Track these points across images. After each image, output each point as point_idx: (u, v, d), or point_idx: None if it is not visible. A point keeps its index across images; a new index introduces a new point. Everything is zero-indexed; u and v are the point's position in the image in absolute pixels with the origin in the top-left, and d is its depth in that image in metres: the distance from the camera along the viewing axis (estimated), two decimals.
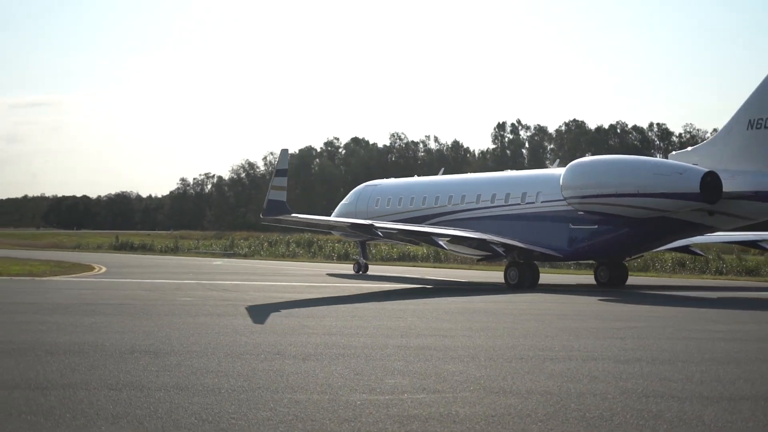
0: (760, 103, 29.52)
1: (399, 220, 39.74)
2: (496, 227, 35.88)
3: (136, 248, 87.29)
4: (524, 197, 35.92)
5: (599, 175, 31.84)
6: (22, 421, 9.28)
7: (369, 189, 45.11)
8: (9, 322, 18.83)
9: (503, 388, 11.39)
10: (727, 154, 30.34)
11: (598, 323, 20.10)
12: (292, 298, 26.84)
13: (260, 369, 12.68)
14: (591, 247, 34.21)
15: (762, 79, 29.74)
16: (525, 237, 34.84)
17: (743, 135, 29.88)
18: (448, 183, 42.66)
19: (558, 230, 34.36)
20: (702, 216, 30.97)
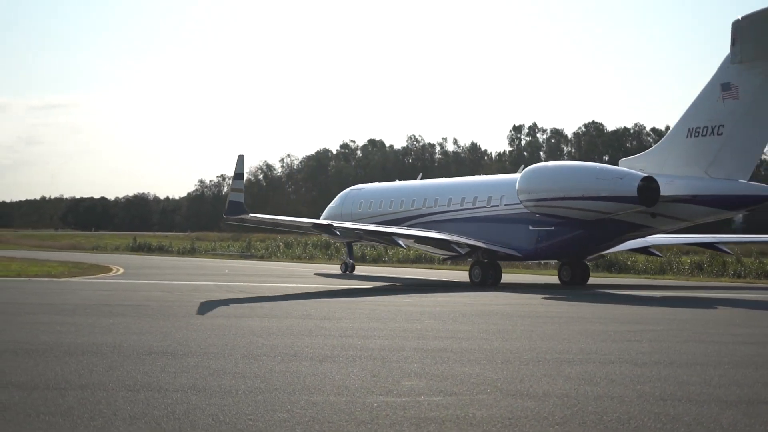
0: (698, 113, 31.79)
1: (380, 222, 42.69)
2: (463, 228, 38.58)
3: (154, 250, 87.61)
4: (489, 200, 38.55)
5: (549, 180, 34.29)
6: (40, 422, 9.33)
7: (354, 193, 48.25)
8: (28, 322, 18.92)
9: (520, 391, 11.36)
10: (669, 161, 32.64)
11: (616, 326, 20.02)
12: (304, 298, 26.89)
13: (277, 370, 12.69)
14: (549, 248, 36.48)
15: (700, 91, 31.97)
16: (488, 238, 37.35)
17: (683, 143, 32.23)
18: (424, 187, 45.33)
19: (519, 231, 36.69)
20: (645, 218, 33.07)
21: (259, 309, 23.04)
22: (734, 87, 30.44)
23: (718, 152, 31.07)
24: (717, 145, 31.09)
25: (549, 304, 26.77)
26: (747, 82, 30.14)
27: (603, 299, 29.18)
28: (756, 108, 30.27)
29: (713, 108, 31.15)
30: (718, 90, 31.04)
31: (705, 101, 31.63)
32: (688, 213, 32.33)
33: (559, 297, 29.64)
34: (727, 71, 30.75)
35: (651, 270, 50.34)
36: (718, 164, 31.12)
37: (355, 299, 27.29)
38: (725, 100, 30.70)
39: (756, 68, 29.80)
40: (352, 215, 45.59)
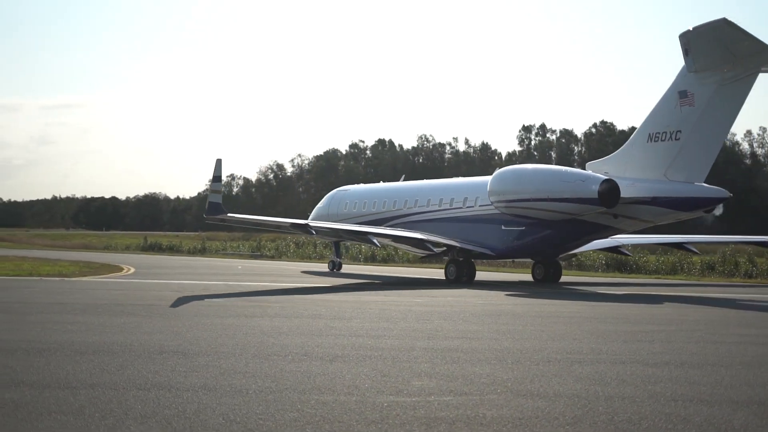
0: (657, 119, 33.57)
1: (364, 221, 45.01)
2: (440, 228, 40.65)
3: (164, 249, 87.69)
4: (465, 202, 40.49)
5: (518, 182, 36.31)
6: (52, 420, 9.36)
7: (340, 194, 50.50)
8: (39, 322, 18.97)
9: (530, 391, 11.35)
10: (631, 164, 34.47)
11: (627, 326, 19.98)
12: (316, 298, 26.91)
13: (287, 370, 12.70)
14: (520, 247, 38.41)
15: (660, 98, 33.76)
16: (463, 237, 39.35)
17: (644, 147, 34.06)
18: (405, 189, 47.38)
19: (492, 231, 38.54)
20: (608, 219, 35.00)
21: (269, 309, 23.05)
22: (690, 95, 32.23)
23: (676, 156, 32.78)
24: (675, 149, 32.77)
25: (559, 304, 26.75)
26: (702, 90, 31.80)
27: (611, 299, 29.14)
28: (710, 114, 31.85)
29: (671, 114, 32.86)
30: (676, 97, 32.78)
31: (664, 108, 33.37)
32: (648, 214, 34.10)
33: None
34: (684, 80, 32.40)
35: (662, 270, 50.37)
36: (676, 168, 32.79)
37: (365, 299, 27.29)
38: (682, 107, 32.47)
39: (709, 77, 31.40)
40: (338, 215, 47.63)
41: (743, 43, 30.05)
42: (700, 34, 30.64)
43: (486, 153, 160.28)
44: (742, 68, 30.92)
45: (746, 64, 30.83)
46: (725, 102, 31.69)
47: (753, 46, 30.02)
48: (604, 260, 52.77)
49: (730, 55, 30.67)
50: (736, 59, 30.70)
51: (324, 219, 47.65)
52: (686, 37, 31.01)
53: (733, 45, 30.29)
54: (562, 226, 35.98)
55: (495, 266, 52.62)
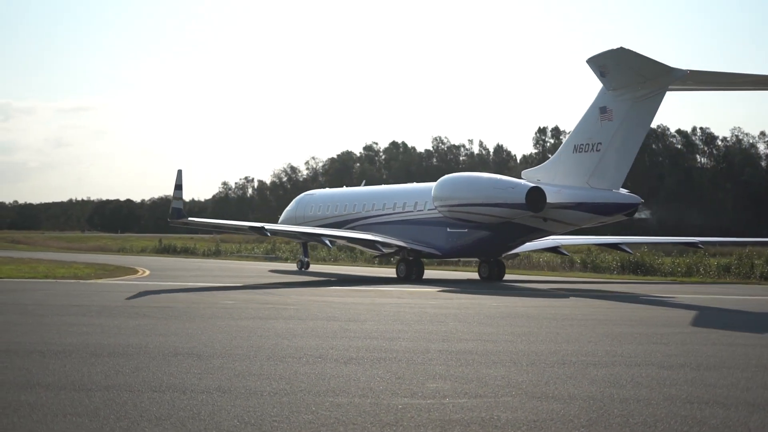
0: (582, 132, 36.80)
1: (327, 224, 48.72)
2: (393, 230, 44.01)
3: (179, 251, 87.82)
4: (415, 206, 43.83)
5: (457, 189, 40.01)
6: (67, 422, 9.39)
7: (307, 197, 54.77)
8: (55, 324, 19.04)
9: (545, 393, 11.33)
10: (559, 173, 37.82)
11: (642, 329, 19.92)
12: (330, 300, 26.92)
13: (302, 372, 12.72)
14: (463, 247, 41.92)
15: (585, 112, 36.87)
16: (413, 238, 42.71)
17: (570, 157, 37.32)
18: (365, 193, 50.91)
19: (438, 233, 41.96)
20: (539, 222, 38.27)
21: (284, 311, 23.09)
22: (609, 110, 35.57)
23: (597, 165, 36.01)
24: (596, 159, 36.02)
25: (574, 306, 26.67)
26: (619, 107, 35.10)
27: (626, 302, 29.06)
28: (626, 128, 35.10)
29: (593, 128, 36.13)
30: (597, 112, 36.08)
31: (587, 122, 36.68)
32: (573, 218, 37.45)
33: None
34: (604, 97, 35.75)
35: (678, 272, 50.29)
36: (598, 176, 36.05)
37: (380, 301, 27.29)
38: (602, 121, 35.80)
39: (625, 95, 34.74)
40: (304, 218, 51.70)
41: (649, 65, 33.25)
42: (612, 58, 33.80)
43: (501, 155, 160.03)
44: (651, 87, 34.08)
45: (654, 84, 33.95)
46: (639, 116, 34.99)
47: (657, 69, 33.23)
48: (618, 263, 52.97)
49: (640, 77, 33.96)
50: (646, 80, 33.92)
51: (292, 221, 52.23)
52: (594, 62, 34.46)
53: (641, 68, 33.61)
54: (498, 228, 39.38)
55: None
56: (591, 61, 34.49)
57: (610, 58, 33.80)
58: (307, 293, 30.61)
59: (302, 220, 51.65)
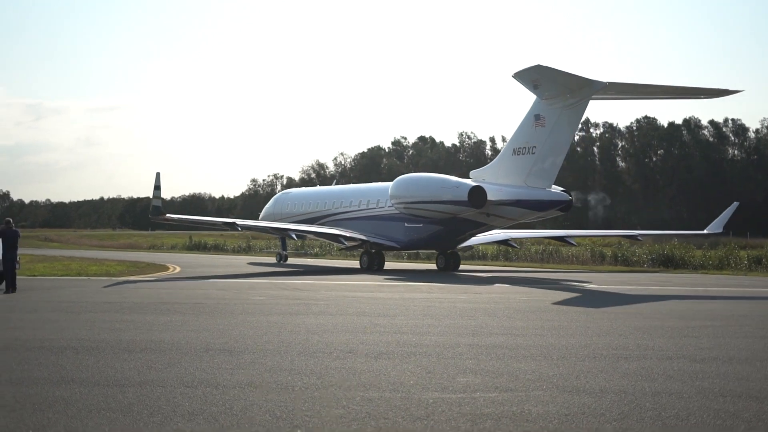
0: (519, 136, 41.14)
1: (301, 220, 52.87)
2: (358, 225, 48.44)
3: (210, 248, 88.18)
4: (378, 203, 48.23)
5: (410, 188, 44.28)
6: (101, 417, 9.48)
7: (284, 196, 59.84)
8: (88, 320, 19.20)
9: (576, 387, 11.30)
10: (500, 173, 42.14)
11: (674, 322, 19.81)
12: (360, 295, 26.96)
13: (333, 367, 12.76)
14: (419, 240, 46.36)
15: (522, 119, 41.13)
16: (374, 232, 47.08)
17: (510, 159, 41.74)
18: (334, 192, 55.69)
19: (397, 228, 46.39)
20: (483, 217, 42.57)
21: (314, 306, 23.15)
22: (542, 117, 39.82)
23: (532, 167, 40.29)
24: (531, 161, 40.31)
25: (602, 299, 26.54)
26: (550, 114, 39.41)
27: (655, 296, 28.89)
28: (556, 134, 39.43)
29: (529, 133, 40.46)
30: (533, 119, 40.28)
31: (524, 127, 40.97)
32: (513, 214, 41.74)
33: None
34: (538, 105, 39.94)
35: (709, 265, 50.09)
36: (533, 176, 40.34)
37: (409, 296, 27.30)
38: (537, 127, 40.04)
39: (555, 104, 39.01)
40: (281, 214, 56.07)
41: (571, 79, 37.63)
42: (535, 73, 38.02)
43: None
44: (576, 97, 38.49)
45: (578, 94, 38.38)
46: (567, 123, 39.36)
47: (579, 81, 37.71)
48: (649, 256, 52.91)
49: (566, 88, 38.22)
50: (571, 91, 38.28)
51: (270, 218, 56.79)
52: (520, 77, 38.78)
53: (565, 81, 37.90)
54: (448, 222, 43.63)
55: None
56: (517, 75, 38.73)
57: (535, 73, 38.03)
58: (336, 288, 30.66)
59: (279, 216, 56.08)
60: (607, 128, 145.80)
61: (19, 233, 29.51)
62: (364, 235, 46.87)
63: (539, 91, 39.22)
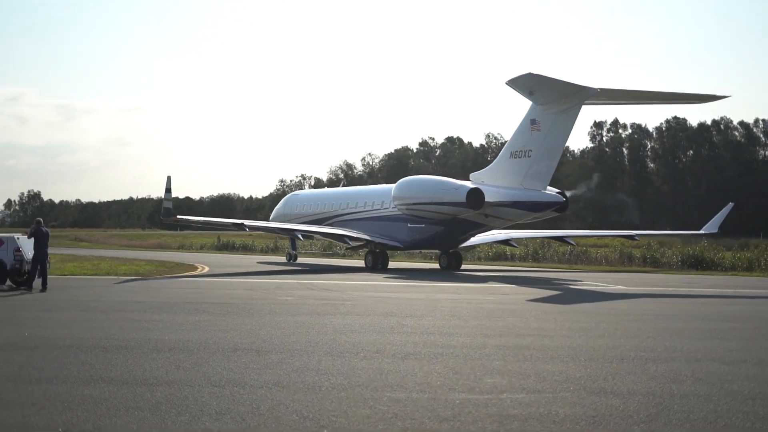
0: (516, 140, 42.73)
1: (310, 221, 54.52)
2: (364, 225, 49.91)
3: (238, 248, 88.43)
4: (383, 204, 49.63)
5: (412, 190, 45.89)
6: (130, 416, 9.55)
7: (293, 197, 61.91)
8: (117, 320, 19.34)
9: (604, 389, 11.27)
10: (498, 175, 43.67)
11: (702, 324, 19.70)
12: (387, 296, 26.97)
13: (360, 367, 12.78)
14: (421, 240, 47.83)
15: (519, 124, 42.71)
16: (378, 232, 48.57)
17: (508, 162, 43.31)
18: (342, 193, 58.12)
19: (400, 228, 47.79)
20: (482, 218, 43.95)
21: (342, 306, 23.19)
22: (538, 122, 41.38)
23: (528, 169, 41.78)
24: (528, 164, 41.79)
25: (632, 302, 26.44)
26: (545, 119, 40.98)
27: (685, 297, 28.72)
28: (551, 137, 40.98)
29: (526, 137, 42.01)
30: (529, 124, 41.84)
31: (521, 131, 42.55)
32: (510, 215, 43.19)
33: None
34: (534, 110, 41.54)
35: (739, 267, 49.85)
36: (529, 178, 41.83)
37: (437, 296, 27.30)
38: (533, 131, 41.56)
39: (550, 109, 40.62)
40: (291, 215, 57.77)
41: (564, 85, 39.25)
42: (537, 80, 39.39)
43: None
44: (570, 103, 40.08)
45: (572, 100, 39.94)
46: (561, 127, 40.84)
47: (571, 88, 39.37)
48: (679, 257, 52.69)
49: (559, 94, 39.87)
50: (565, 97, 39.88)
51: (280, 218, 58.39)
52: (513, 84, 40.21)
53: (558, 87, 39.50)
54: (449, 223, 45.12)
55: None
56: (511, 83, 40.19)
57: (529, 80, 39.53)
58: (363, 289, 30.69)
59: (289, 217, 57.70)
60: (636, 129, 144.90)
61: (49, 233, 29.76)
62: (368, 236, 48.40)
63: (534, 97, 41.00)
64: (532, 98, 41.20)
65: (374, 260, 47.96)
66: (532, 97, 41.14)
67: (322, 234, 52.71)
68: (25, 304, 23.62)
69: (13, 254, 29.12)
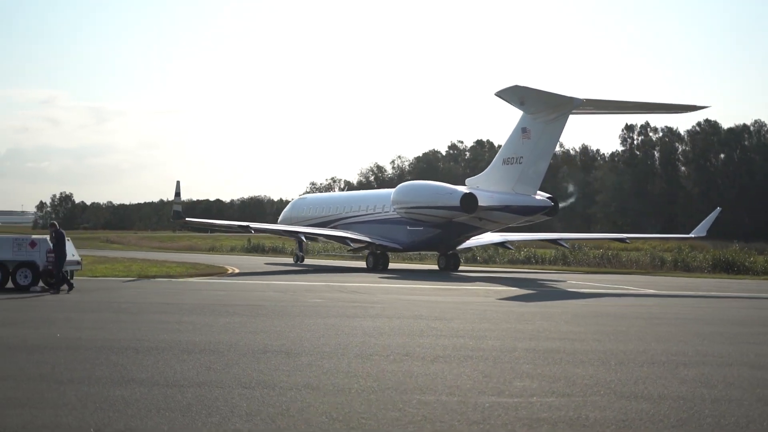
0: (509, 148, 45.53)
1: (316, 224, 56.72)
2: (365, 228, 52.10)
3: (268, 251, 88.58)
4: (384, 208, 51.68)
5: (410, 194, 48.49)
6: (161, 417, 9.62)
7: (300, 201, 64.17)
8: (148, 321, 19.48)
9: (634, 393, 11.22)
10: (492, 181, 46.16)
11: (734, 328, 19.55)
12: (417, 299, 26.96)
13: (389, 370, 12.80)
14: (420, 242, 50.12)
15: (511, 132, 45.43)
16: (379, 235, 50.75)
17: (501, 168, 45.87)
18: (346, 197, 64.04)
19: (399, 230, 50.03)
20: (476, 221, 46.33)
21: (371, 309, 23.21)
22: (528, 130, 43.84)
23: (519, 175, 44.25)
24: (519, 170, 44.30)
25: (663, 305, 26.27)
26: (535, 127, 43.44)
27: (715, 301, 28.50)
28: (540, 145, 43.51)
29: (517, 144, 44.60)
30: (520, 132, 44.38)
31: (513, 139, 45.20)
32: (503, 218, 45.89)
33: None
34: (525, 119, 44.05)
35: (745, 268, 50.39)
36: (521, 184, 44.28)
37: (467, 299, 27.26)
38: (523, 139, 44.09)
39: (540, 118, 43.11)
40: (298, 218, 59.81)
41: (551, 96, 41.86)
42: (519, 91, 42.04)
43: (586, 155, 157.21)
44: (558, 112, 42.56)
45: (559, 110, 42.43)
46: (550, 135, 43.49)
47: (558, 98, 41.92)
48: (710, 262, 52.42)
49: (546, 105, 42.36)
50: (553, 107, 42.38)
51: (287, 221, 60.73)
52: (502, 95, 42.68)
53: (546, 98, 42.04)
54: (445, 226, 47.38)
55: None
56: (500, 94, 42.56)
57: (519, 91, 42.01)
58: (392, 291, 30.71)
59: (296, 220, 59.95)
60: (667, 132, 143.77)
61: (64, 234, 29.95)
62: (369, 238, 50.56)
63: (525, 107, 43.47)
64: (523, 108, 43.72)
65: (375, 261, 49.96)
66: (522, 108, 43.67)
67: (324, 236, 55.13)
68: (56, 306, 23.82)
69: (46, 256, 29.39)
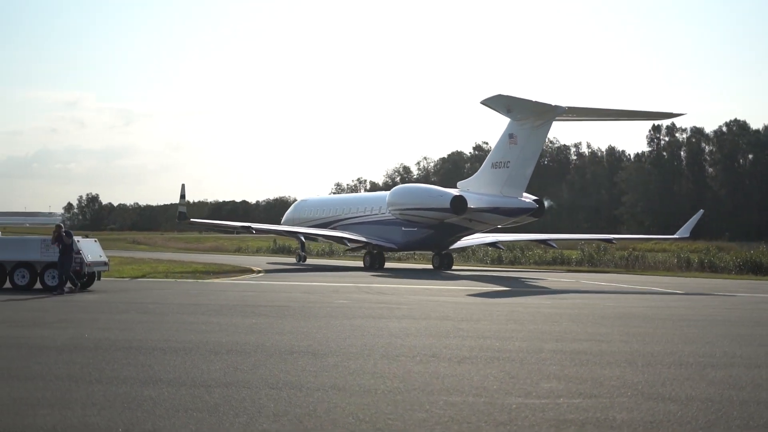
0: (497, 152, 48.72)
1: (316, 225, 59.46)
2: (363, 229, 54.70)
3: (294, 252, 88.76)
4: (380, 209, 54.30)
5: (404, 196, 51.64)
6: (188, 417, 9.67)
7: (302, 203, 66.72)
8: (175, 322, 19.58)
9: (662, 394, 11.16)
10: (481, 184, 49.12)
11: (762, 330, 19.41)
12: (443, 300, 26.94)
13: (415, 371, 12.80)
14: (414, 242, 53.01)
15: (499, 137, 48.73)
16: (375, 235, 53.50)
17: (490, 172, 48.98)
18: (345, 199, 67.98)
19: (395, 231, 52.71)
20: (467, 222, 49.33)
21: (397, 310, 23.22)
22: (515, 136, 46.97)
23: (507, 179, 47.27)
24: (506, 174, 47.37)
25: (690, 306, 26.12)
26: (521, 133, 46.51)
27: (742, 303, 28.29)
28: (526, 150, 46.58)
29: (505, 149, 47.79)
30: (507, 137, 47.51)
31: (501, 144, 48.45)
32: (492, 219, 49.05)
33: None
34: (512, 125, 47.12)
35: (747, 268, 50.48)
36: (508, 186, 47.35)
37: (492, 300, 27.22)
38: (510, 144, 47.19)
39: (526, 124, 46.23)
40: (300, 219, 62.38)
41: (535, 104, 44.76)
42: (510, 99, 45.14)
43: (613, 156, 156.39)
44: (543, 119, 45.77)
45: (544, 117, 45.58)
46: (535, 141, 46.68)
47: (543, 106, 44.87)
48: (739, 261, 52.08)
49: (532, 111, 45.47)
50: (538, 114, 45.47)
51: (290, 222, 63.45)
52: (488, 103, 45.63)
53: (531, 105, 44.94)
54: (437, 227, 50.33)
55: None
56: (486, 102, 45.35)
57: (504, 100, 45.14)
58: (419, 292, 30.71)
59: (298, 221, 62.49)
60: (694, 133, 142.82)
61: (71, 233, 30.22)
62: (366, 238, 53.28)
63: (512, 114, 46.50)
64: (509, 115, 46.79)
65: (372, 260, 52.87)
66: (509, 115, 46.70)
67: (323, 236, 58.43)
68: (84, 306, 23.99)
69: (73, 257, 29.59)
